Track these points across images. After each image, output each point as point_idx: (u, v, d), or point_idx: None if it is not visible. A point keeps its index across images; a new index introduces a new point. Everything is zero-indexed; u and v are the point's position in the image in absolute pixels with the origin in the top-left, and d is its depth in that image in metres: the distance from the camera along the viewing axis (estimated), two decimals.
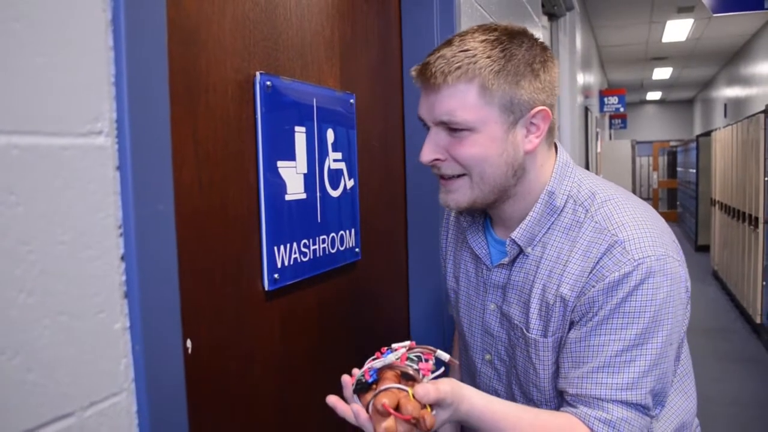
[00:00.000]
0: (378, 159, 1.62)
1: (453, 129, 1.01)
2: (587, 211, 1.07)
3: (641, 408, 1.01)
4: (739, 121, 6.81)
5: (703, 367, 5.25)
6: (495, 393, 1.16)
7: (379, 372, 0.86)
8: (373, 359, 0.88)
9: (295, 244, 1.20)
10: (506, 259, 1.11)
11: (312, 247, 1.26)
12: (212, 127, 0.99)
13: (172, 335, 0.68)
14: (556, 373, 1.07)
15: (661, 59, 10.79)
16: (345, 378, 0.90)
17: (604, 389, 0.99)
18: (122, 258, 0.63)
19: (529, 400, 1.12)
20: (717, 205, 8.02)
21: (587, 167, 6.57)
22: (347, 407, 0.87)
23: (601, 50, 9.70)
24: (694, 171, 10.11)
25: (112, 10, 0.63)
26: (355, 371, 0.89)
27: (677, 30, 8.30)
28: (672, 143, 17.56)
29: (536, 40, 1.06)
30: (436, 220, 1.73)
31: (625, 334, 0.99)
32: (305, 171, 1.23)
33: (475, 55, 0.99)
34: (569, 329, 1.04)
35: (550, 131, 1.08)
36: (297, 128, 1.21)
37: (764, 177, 5.42)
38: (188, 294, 0.82)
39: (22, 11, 0.55)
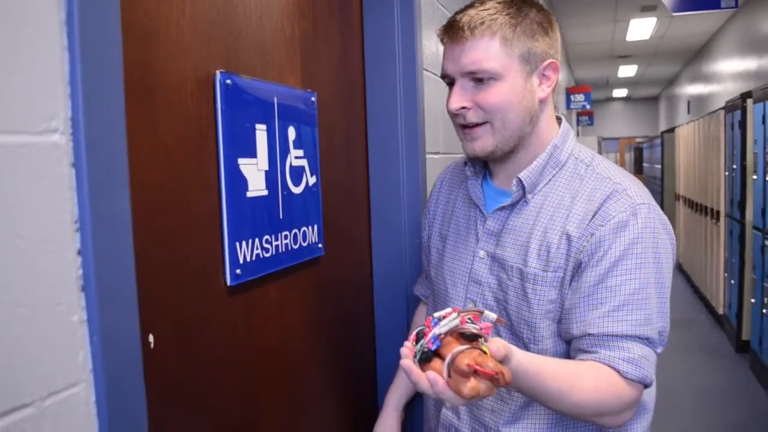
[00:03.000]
0: (340, 156, 1.65)
1: (478, 79, 1.15)
2: (588, 166, 1.21)
3: (653, 343, 1.11)
4: (701, 117, 6.97)
5: (667, 357, 5.36)
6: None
7: (440, 338, 0.86)
8: (420, 329, 0.89)
9: (257, 240, 1.22)
10: (508, 202, 1.21)
11: (274, 243, 1.28)
12: (172, 124, 1.01)
13: (130, 328, 0.70)
14: (549, 313, 1.15)
15: (626, 57, 10.96)
16: (404, 350, 0.89)
17: (625, 326, 1.08)
18: (79, 252, 0.65)
19: (518, 340, 1.17)
20: (681, 200, 8.20)
21: None
22: (422, 374, 0.85)
23: (567, 48, 9.83)
24: (660, 167, 10.31)
25: (66, 11, 0.64)
26: (408, 344, 0.89)
27: (641, 28, 8.45)
28: (638, 139, 17.86)
29: (542, 6, 1.21)
30: (398, 215, 1.76)
31: (639, 274, 1.09)
32: (267, 168, 1.25)
33: (496, 13, 1.15)
34: (579, 273, 1.12)
35: (556, 87, 1.23)
36: (258, 126, 1.23)
37: (725, 172, 5.57)
38: (148, 289, 0.84)
39: None
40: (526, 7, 1.17)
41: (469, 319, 0.88)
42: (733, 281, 5.33)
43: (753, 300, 4.71)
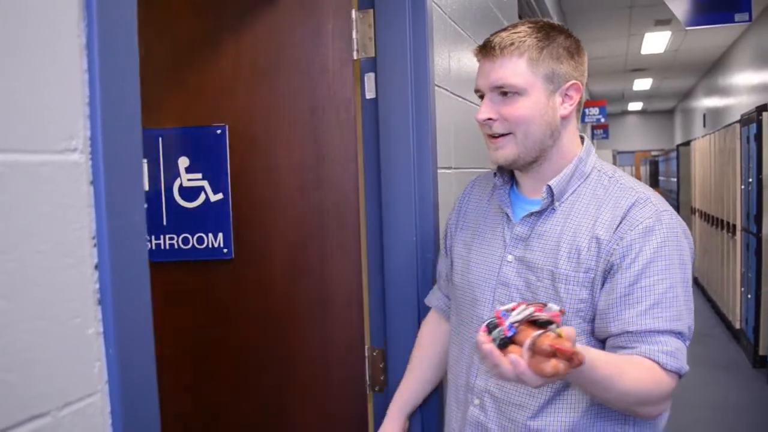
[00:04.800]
0: (260, 175, 1.82)
1: (504, 93, 1.26)
2: (610, 177, 1.31)
3: (684, 337, 1.22)
4: (717, 130, 6.94)
5: None
6: None
7: (515, 326, 0.95)
8: (491, 321, 0.98)
9: None
10: (537, 208, 1.30)
11: (155, 242, 1.74)
12: None
13: (144, 340, 0.72)
14: (580, 312, 1.23)
15: (641, 70, 10.95)
16: (481, 337, 0.97)
17: (661, 322, 1.17)
18: (96, 267, 0.68)
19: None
20: (697, 214, 8.14)
21: None
22: (503, 356, 0.93)
23: None
24: (675, 180, 10.24)
25: (86, 35, 0.67)
26: (482, 334, 0.98)
27: (655, 42, 8.44)
28: (653, 153, 17.77)
29: (571, 33, 1.34)
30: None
31: (668, 274, 1.20)
32: (146, 189, 1.65)
33: (526, 36, 1.27)
34: (611, 275, 1.21)
35: (579, 107, 1.34)
36: None
37: (741, 185, 5.53)
38: None
39: (1, 38, 0.59)
40: (555, 33, 1.30)
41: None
42: (749, 295, 5.28)
43: None
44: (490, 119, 1.28)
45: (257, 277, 1.84)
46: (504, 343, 0.94)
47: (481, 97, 1.32)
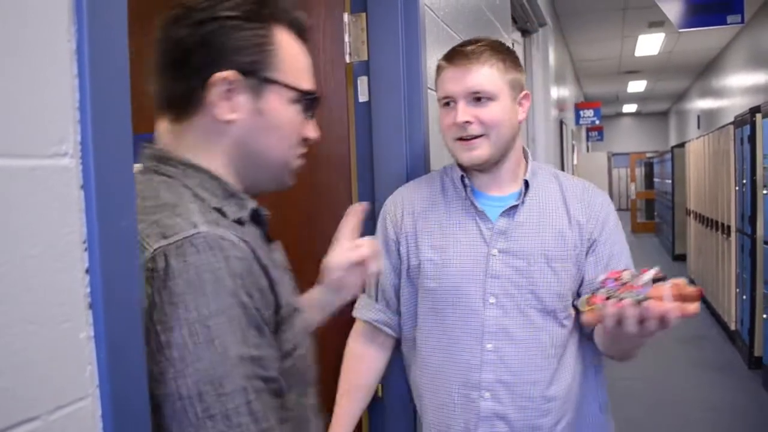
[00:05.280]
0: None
1: (479, 98, 1.40)
2: (553, 173, 1.54)
3: None
4: (711, 132, 6.96)
5: (679, 373, 5.32)
6: (503, 329, 1.41)
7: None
8: (612, 288, 1.14)
9: None
10: (513, 202, 1.44)
11: None
12: None
13: (135, 344, 0.72)
14: (573, 285, 1.44)
15: (635, 72, 11.00)
16: (612, 308, 1.11)
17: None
18: (87, 271, 0.68)
19: (550, 314, 1.42)
20: (692, 215, 8.16)
21: None
22: (662, 306, 1.09)
23: (575, 64, 9.87)
24: (670, 182, 10.28)
25: (77, 40, 0.67)
26: (610, 302, 1.12)
27: (649, 44, 8.49)
28: (648, 154, 17.82)
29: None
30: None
31: (622, 237, 1.52)
32: None
33: (492, 48, 1.44)
34: (594, 247, 1.45)
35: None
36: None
37: (735, 187, 5.55)
38: None
39: None
40: (508, 48, 1.50)
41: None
42: (744, 296, 5.30)
43: (765, 315, 4.68)
44: (468, 122, 1.39)
45: None
46: (639, 302, 1.10)
47: (447, 104, 1.43)
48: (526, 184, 1.46)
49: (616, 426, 1.56)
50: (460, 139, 1.42)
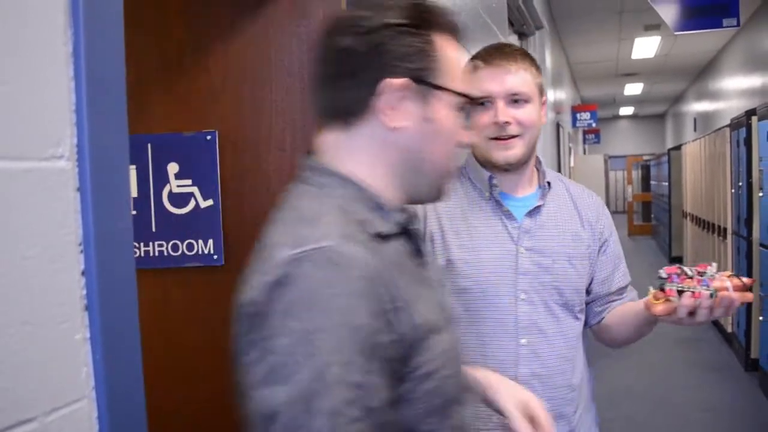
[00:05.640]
0: (248, 181, 1.78)
1: (516, 100, 1.43)
2: (558, 177, 1.62)
3: None
4: (707, 134, 6.98)
5: (676, 375, 5.33)
6: (535, 324, 1.46)
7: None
8: (677, 282, 1.28)
9: None
10: (537, 203, 1.50)
11: (144, 249, 1.68)
12: None
13: (132, 346, 0.72)
14: (587, 280, 1.53)
15: (631, 75, 11.02)
16: (689, 300, 1.25)
17: (628, 275, 1.60)
18: (83, 273, 0.68)
19: (567, 308, 1.49)
20: (688, 218, 8.18)
21: None
22: (708, 300, 1.24)
23: (572, 67, 9.89)
24: (667, 184, 10.30)
25: (73, 43, 0.68)
26: (686, 294, 1.26)
27: (646, 47, 8.50)
28: (645, 157, 17.85)
29: None
30: None
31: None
32: (135, 195, 1.63)
33: (524, 52, 1.51)
34: (604, 247, 1.55)
35: None
36: None
37: (731, 189, 5.56)
38: None
39: None
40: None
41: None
42: None
43: (761, 318, 4.69)
44: (507, 122, 1.43)
45: None
46: (711, 295, 1.24)
47: (481, 103, 1.44)
48: (548, 185, 1.53)
49: (614, 425, 1.58)
50: (496, 138, 1.45)
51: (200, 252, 1.75)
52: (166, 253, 1.72)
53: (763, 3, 6.20)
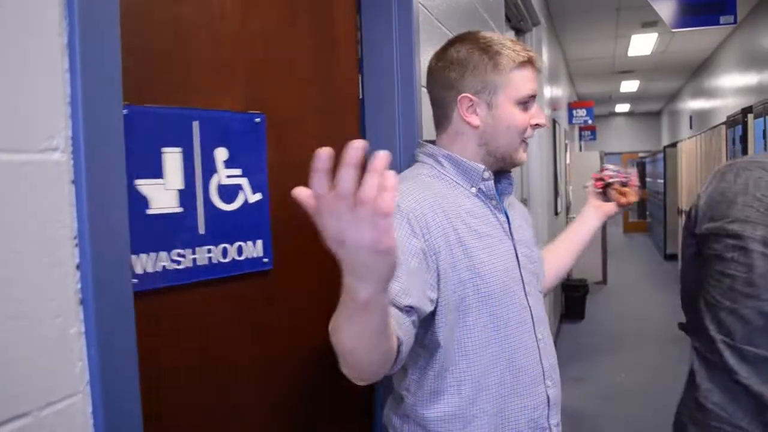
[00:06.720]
0: (297, 173, 1.61)
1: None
2: None
3: None
4: (703, 132, 6.99)
5: (671, 372, 5.34)
6: (540, 315, 1.48)
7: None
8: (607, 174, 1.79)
9: (161, 254, 1.21)
10: (509, 200, 1.55)
11: (190, 257, 1.29)
12: None
13: (127, 341, 0.72)
14: None
15: (628, 72, 11.02)
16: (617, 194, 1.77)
17: None
18: (77, 266, 0.67)
19: (540, 289, 1.56)
20: (683, 215, 8.20)
21: (555, 178, 6.68)
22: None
23: (569, 64, 9.89)
24: (662, 181, 10.31)
25: (68, 35, 0.67)
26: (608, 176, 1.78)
27: (642, 44, 8.50)
28: (641, 154, 17.87)
29: None
30: None
31: None
32: (181, 187, 1.27)
33: None
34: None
35: None
36: (166, 149, 1.21)
37: None
38: None
39: None
40: None
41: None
42: None
43: None
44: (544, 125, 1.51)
45: (297, 287, 1.58)
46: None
47: (524, 102, 1.43)
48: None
49: (606, 423, 1.59)
50: (524, 140, 1.46)
51: (249, 255, 1.46)
52: (215, 260, 1.38)
53: (760, 0, 6.21)
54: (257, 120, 1.46)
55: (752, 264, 1.29)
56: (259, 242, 1.46)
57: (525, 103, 1.43)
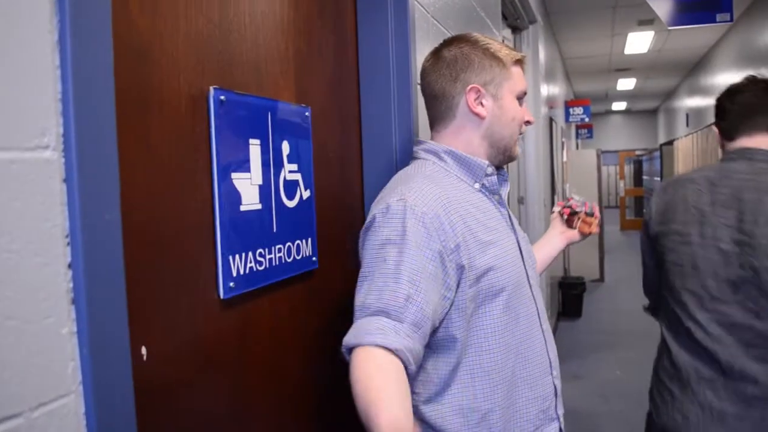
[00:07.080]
0: (335, 170, 1.66)
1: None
2: None
3: None
4: (699, 130, 7.00)
5: None
6: (542, 308, 1.49)
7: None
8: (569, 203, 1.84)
9: (250, 254, 1.23)
10: (506, 190, 1.54)
11: (268, 257, 1.28)
12: (165, 140, 1.02)
13: (120, 341, 0.71)
14: None
15: (624, 70, 11.02)
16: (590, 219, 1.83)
17: None
18: (69, 266, 0.67)
19: (536, 280, 1.55)
20: None
21: (552, 176, 6.68)
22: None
23: (566, 62, 9.88)
24: (659, 179, 10.32)
25: (59, 31, 0.66)
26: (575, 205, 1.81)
27: (639, 42, 8.50)
28: (637, 152, 17.89)
29: None
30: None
31: None
32: (260, 182, 1.26)
33: None
34: None
35: None
36: (252, 141, 1.25)
37: None
38: (139, 302, 0.85)
39: None
40: None
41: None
42: None
43: None
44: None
45: (337, 287, 1.57)
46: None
47: (520, 98, 1.49)
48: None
49: (604, 420, 1.60)
50: (520, 133, 1.51)
51: (304, 254, 1.40)
52: (284, 260, 1.30)
53: None
54: (307, 114, 1.44)
55: (694, 252, 1.76)
56: (309, 240, 1.42)
57: (520, 99, 1.49)
